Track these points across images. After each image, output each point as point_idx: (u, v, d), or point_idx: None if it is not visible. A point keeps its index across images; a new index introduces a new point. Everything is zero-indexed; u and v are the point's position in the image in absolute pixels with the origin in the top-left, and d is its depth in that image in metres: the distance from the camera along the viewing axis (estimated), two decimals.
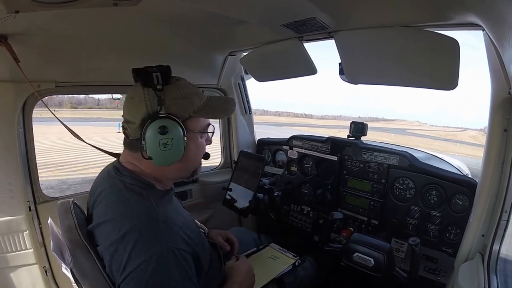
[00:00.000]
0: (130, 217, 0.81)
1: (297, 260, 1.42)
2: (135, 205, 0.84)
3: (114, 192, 0.88)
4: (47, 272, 1.51)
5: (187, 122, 0.91)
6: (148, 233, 0.79)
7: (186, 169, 0.99)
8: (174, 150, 0.88)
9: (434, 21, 1.02)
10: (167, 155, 0.88)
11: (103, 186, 0.93)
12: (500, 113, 0.99)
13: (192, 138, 0.93)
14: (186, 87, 0.94)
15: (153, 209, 0.83)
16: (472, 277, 0.97)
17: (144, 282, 0.73)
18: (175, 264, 0.77)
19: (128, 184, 0.88)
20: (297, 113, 72.46)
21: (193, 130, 0.93)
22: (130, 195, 0.86)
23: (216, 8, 1.09)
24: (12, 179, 1.38)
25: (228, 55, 1.90)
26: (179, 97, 0.90)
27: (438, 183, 1.40)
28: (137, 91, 0.89)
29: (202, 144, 0.99)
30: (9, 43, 1.12)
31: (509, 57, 0.81)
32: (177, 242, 0.81)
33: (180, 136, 0.88)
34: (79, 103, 41.39)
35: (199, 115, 0.93)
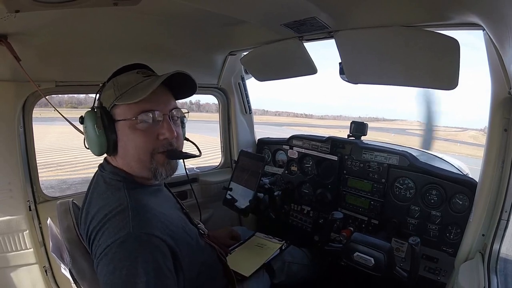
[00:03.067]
0: (104, 208, 0.81)
1: (283, 244, 1.44)
2: (110, 197, 0.83)
3: (97, 188, 0.90)
4: (47, 271, 1.50)
5: (114, 111, 0.86)
6: (115, 220, 0.77)
7: (131, 164, 0.88)
8: (89, 138, 0.88)
9: (434, 21, 1.02)
10: (88, 143, 0.89)
11: (91, 184, 0.95)
12: (500, 113, 0.99)
13: (123, 127, 0.85)
14: (119, 81, 0.89)
15: (124, 198, 0.81)
16: (472, 277, 0.96)
17: (108, 267, 0.71)
18: (141, 248, 0.72)
19: (107, 179, 0.89)
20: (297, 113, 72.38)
21: (120, 118, 0.85)
22: (108, 188, 0.86)
23: (216, 8, 1.09)
24: (12, 179, 1.38)
25: (228, 55, 1.90)
26: (109, 87, 0.90)
27: (438, 183, 1.40)
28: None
29: (137, 132, 0.85)
30: (9, 43, 1.12)
31: (509, 57, 0.81)
32: (147, 228, 0.76)
33: (92, 123, 0.85)
34: (79, 103, 41.28)
35: (122, 101, 0.85)
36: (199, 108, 47.39)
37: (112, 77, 0.92)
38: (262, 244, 1.48)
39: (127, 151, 0.87)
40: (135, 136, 0.85)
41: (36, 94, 1.40)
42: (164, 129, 0.86)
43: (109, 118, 0.85)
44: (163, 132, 0.86)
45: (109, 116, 0.85)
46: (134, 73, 0.90)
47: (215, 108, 2.70)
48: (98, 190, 0.88)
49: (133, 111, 0.84)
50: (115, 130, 0.85)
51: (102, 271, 0.72)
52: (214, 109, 5.10)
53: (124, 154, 0.88)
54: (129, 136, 0.85)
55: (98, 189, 0.88)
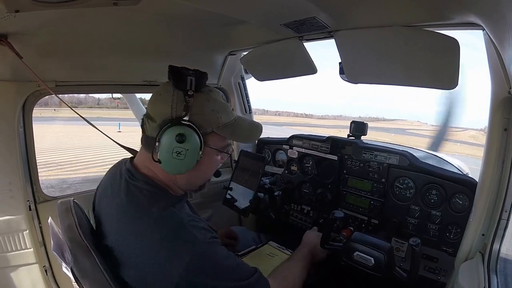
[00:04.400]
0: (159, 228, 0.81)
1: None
2: (163, 216, 0.83)
3: (132, 202, 0.86)
4: (47, 271, 1.51)
5: (208, 137, 0.88)
6: (181, 239, 0.80)
7: (195, 182, 0.97)
8: (186, 161, 0.85)
9: (434, 21, 1.02)
10: (177, 164, 0.85)
11: (115, 188, 0.91)
12: (500, 112, 0.99)
13: (208, 153, 0.90)
14: (217, 100, 0.91)
15: (176, 214, 0.84)
16: (472, 277, 0.96)
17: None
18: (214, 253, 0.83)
19: (144, 191, 0.86)
20: (297, 113, 72.43)
21: (211, 146, 0.90)
22: (149, 202, 0.84)
23: (216, 8, 1.09)
24: (12, 179, 1.38)
25: (228, 55, 1.90)
26: (208, 108, 0.87)
27: (438, 183, 1.40)
28: (167, 89, 0.87)
29: (217, 161, 0.96)
30: (10, 42, 1.12)
31: (509, 57, 0.81)
32: (207, 234, 0.84)
33: (196, 149, 0.85)
34: (79, 102, 41.34)
35: (222, 133, 0.90)
36: None
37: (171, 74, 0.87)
38: (273, 253, 1.45)
39: (201, 172, 0.94)
40: (215, 163, 0.97)
41: (36, 94, 1.40)
42: (224, 159, 1.01)
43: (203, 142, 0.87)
44: (222, 162, 1.00)
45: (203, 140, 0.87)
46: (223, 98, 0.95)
47: None
48: (136, 202, 0.85)
49: (223, 143, 0.94)
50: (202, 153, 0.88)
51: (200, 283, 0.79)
52: None
53: (196, 175, 0.93)
54: (211, 162, 0.95)
55: (136, 201, 0.85)
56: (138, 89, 1.79)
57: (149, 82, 1.72)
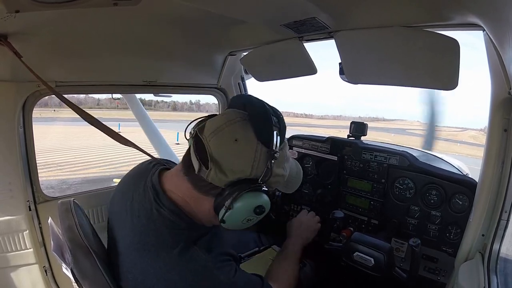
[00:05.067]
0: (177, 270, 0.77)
1: (300, 265, 1.42)
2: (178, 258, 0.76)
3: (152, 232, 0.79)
4: (47, 272, 1.51)
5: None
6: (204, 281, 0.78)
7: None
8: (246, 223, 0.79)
9: (434, 21, 1.02)
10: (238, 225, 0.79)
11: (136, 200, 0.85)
12: (500, 113, 0.99)
13: None
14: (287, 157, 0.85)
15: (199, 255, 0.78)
16: (472, 277, 0.96)
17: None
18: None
19: (168, 222, 0.79)
20: (297, 113, 72.44)
21: None
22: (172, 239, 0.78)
23: (216, 8, 1.09)
24: (12, 179, 1.38)
25: (228, 55, 1.90)
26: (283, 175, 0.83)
27: (438, 183, 1.40)
28: (248, 139, 0.74)
29: None
30: (10, 42, 1.12)
31: (509, 57, 0.81)
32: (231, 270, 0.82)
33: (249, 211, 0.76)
34: (79, 103, 41.36)
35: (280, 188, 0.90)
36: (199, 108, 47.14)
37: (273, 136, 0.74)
38: None
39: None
40: None
41: (36, 94, 1.40)
42: None
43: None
44: None
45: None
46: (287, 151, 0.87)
47: (215, 108, 2.70)
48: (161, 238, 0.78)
49: None
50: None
51: None
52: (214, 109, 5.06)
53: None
54: None
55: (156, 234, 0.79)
56: (138, 89, 1.79)
57: (149, 82, 1.72)
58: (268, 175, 0.74)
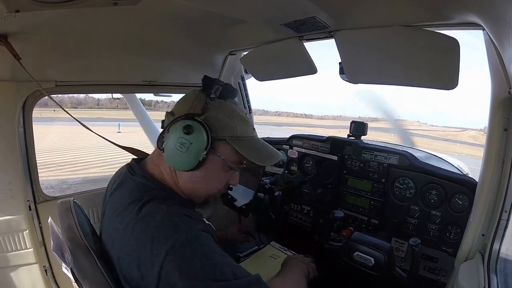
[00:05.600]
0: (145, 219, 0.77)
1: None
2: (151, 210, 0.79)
3: (124, 194, 0.85)
4: (47, 271, 1.51)
5: (218, 143, 0.85)
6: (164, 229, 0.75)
7: (196, 189, 0.91)
8: (187, 156, 0.82)
9: (434, 21, 1.02)
10: (178, 156, 0.82)
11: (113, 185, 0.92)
12: (500, 112, 0.99)
13: (214, 161, 0.86)
14: (237, 113, 0.89)
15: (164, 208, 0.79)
16: (472, 277, 0.96)
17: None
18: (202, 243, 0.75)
19: (140, 185, 0.85)
20: (297, 113, 72.44)
21: (220, 155, 0.87)
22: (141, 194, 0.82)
23: (216, 8, 1.09)
24: (12, 179, 1.37)
25: (228, 55, 1.90)
26: (225, 115, 0.86)
27: (438, 183, 1.40)
28: (194, 92, 0.89)
29: (222, 176, 0.92)
30: (9, 42, 1.12)
31: (509, 56, 0.81)
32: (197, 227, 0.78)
33: (200, 146, 0.81)
34: (79, 103, 41.36)
35: (233, 144, 0.87)
36: None
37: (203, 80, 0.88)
38: (276, 255, 1.44)
39: (205, 181, 0.90)
40: (221, 175, 0.92)
41: (36, 94, 1.40)
42: (236, 180, 0.97)
43: (211, 145, 0.83)
44: (234, 180, 0.97)
45: (212, 143, 0.83)
46: (245, 114, 0.93)
47: None
48: (131, 195, 0.83)
49: (235, 158, 0.90)
50: (207, 157, 0.84)
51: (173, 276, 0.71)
52: None
53: (198, 181, 0.88)
54: (217, 172, 0.90)
55: (131, 195, 0.83)
56: (138, 89, 1.79)
57: (149, 82, 1.72)
58: (205, 112, 0.83)
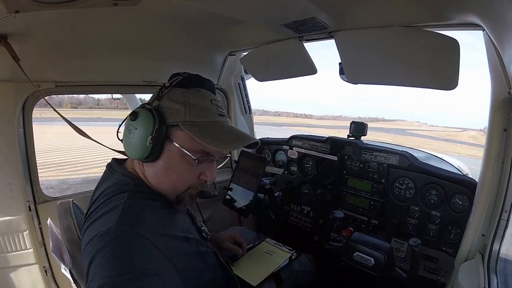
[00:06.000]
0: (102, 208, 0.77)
1: (293, 254, 1.42)
2: (111, 199, 0.78)
3: (104, 191, 0.83)
4: (47, 272, 1.50)
5: (173, 130, 0.79)
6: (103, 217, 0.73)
7: (162, 182, 0.85)
8: (134, 142, 0.79)
9: (434, 21, 1.02)
10: (127, 144, 0.82)
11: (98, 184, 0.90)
12: (500, 113, 0.99)
13: (172, 151, 0.80)
14: (196, 98, 0.82)
15: (121, 199, 0.77)
16: (472, 277, 0.96)
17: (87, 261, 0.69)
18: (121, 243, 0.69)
19: (116, 181, 0.84)
20: (297, 113, 72.48)
21: (176, 142, 0.79)
22: (113, 190, 0.81)
23: (216, 8, 1.09)
24: (12, 179, 1.37)
25: (228, 55, 1.90)
26: (178, 101, 0.80)
27: (438, 183, 1.40)
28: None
29: (185, 168, 0.82)
30: (9, 43, 1.12)
31: (509, 57, 0.81)
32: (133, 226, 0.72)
33: (144, 130, 0.77)
34: (79, 103, 41.36)
35: (187, 129, 0.78)
36: None
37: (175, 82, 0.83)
38: (271, 251, 1.45)
39: (166, 173, 0.83)
40: (182, 167, 0.82)
41: (36, 94, 1.40)
42: (209, 174, 0.88)
43: (165, 134, 0.78)
44: (208, 176, 0.88)
45: (165, 131, 0.78)
46: (208, 101, 0.84)
47: None
48: (105, 192, 0.82)
49: (194, 147, 0.80)
50: (164, 147, 0.79)
51: (84, 264, 0.70)
52: None
53: (160, 173, 0.83)
54: (176, 162, 0.82)
55: (106, 191, 0.82)
56: (138, 89, 1.79)
57: (149, 82, 1.72)
58: (156, 99, 0.81)
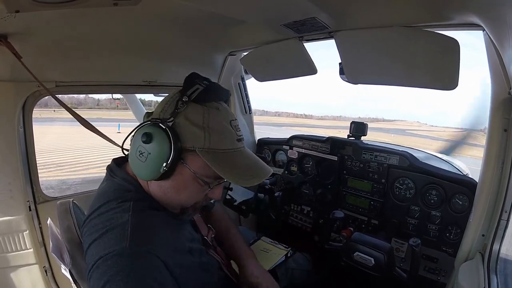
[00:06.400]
0: (106, 218, 0.76)
1: (289, 251, 1.42)
2: (114, 206, 0.78)
3: (104, 194, 0.82)
4: (47, 272, 1.50)
5: (187, 155, 0.76)
6: (113, 233, 0.72)
7: (167, 198, 0.83)
8: (145, 166, 0.75)
9: (434, 21, 1.02)
10: (137, 165, 0.77)
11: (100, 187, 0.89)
12: (500, 113, 0.99)
13: (184, 173, 0.78)
14: (216, 120, 0.77)
15: (128, 211, 0.76)
16: (472, 277, 0.96)
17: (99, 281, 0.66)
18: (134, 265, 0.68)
19: (117, 185, 0.83)
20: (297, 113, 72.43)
21: (189, 168, 0.77)
22: (115, 195, 0.80)
23: (216, 8, 1.09)
24: (12, 179, 1.37)
25: (228, 55, 1.90)
26: (197, 123, 0.75)
27: (438, 183, 1.40)
28: (174, 91, 0.81)
29: (195, 189, 0.82)
30: (10, 42, 1.12)
31: (509, 57, 0.81)
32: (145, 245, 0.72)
33: (160, 158, 0.74)
34: (79, 103, 41.33)
35: (205, 157, 0.75)
36: None
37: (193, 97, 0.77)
38: (267, 249, 1.45)
39: (175, 192, 0.81)
40: (192, 190, 0.82)
41: (36, 94, 1.40)
42: (217, 194, 0.87)
43: (179, 155, 0.75)
44: (215, 195, 0.87)
45: (180, 153, 0.74)
46: (228, 123, 0.80)
47: None
48: (105, 196, 0.81)
49: (208, 173, 0.78)
50: (175, 169, 0.76)
51: (94, 284, 0.68)
52: None
53: (168, 192, 0.81)
54: (187, 185, 0.80)
55: (105, 195, 0.81)
56: (138, 89, 1.79)
57: (149, 82, 1.72)
58: (172, 117, 0.75)
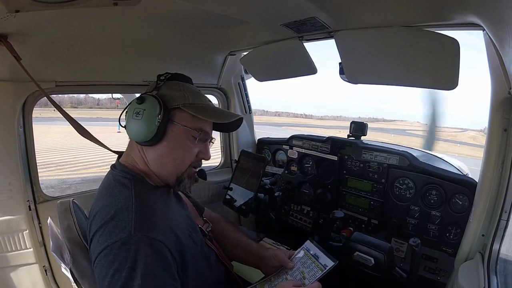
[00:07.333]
0: (109, 206, 0.81)
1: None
2: (116, 195, 0.84)
3: (106, 186, 0.90)
4: (47, 271, 1.50)
5: (174, 112, 0.89)
6: (118, 219, 0.77)
7: (167, 166, 0.92)
8: (142, 123, 0.86)
9: (434, 21, 1.02)
10: (135, 125, 0.88)
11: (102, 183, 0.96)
12: (500, 113, 0.99)
13: (175, 131, 0.90)
14: (189, 87, 0.95)
15: (130, 198, 0.82)
16: (472, 277, 0.97)
17: (108, 269, 0.72)
18: (141, 252, 0.73)
19: (117, 176, 0.90)
20: (297, 113, 72.42)
21: (178, 123, 0.90)
22: (116, 185, 0.87)
23: (216, 8, 1.09)
24: (12, 179, 1.37)
25: (228, 55, 1.90)
26: (175, 89, 0.92)
27: (438, 183, 1.40)
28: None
29: (187, 147, 0.92)
30: (9, 42, 1.12)
31: (509, 57, 0.81)
32: (150, 231, 0.77)
33: (153, 111, 0.86)
34: (79, 103, 41.37)
35: (188, 109, 0.90)
36: None
37: (168, 77, 0.96)
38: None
39: (170, 152, 0.91)
40: (185, 145, 0.92)
41: (36, 94, 1.40)
42: (206, 152, 0.98)
43: (168, 117, 0.88)
44: (205, 154, 0.98)
45: (168, 114, 0.88)
46: (197, 89, 0.98)
47: None
48: (107, 187, 0.89)
49: (194, 125, 0.92)
50: (166, 128, 0.88)
51: (102, 272, 0.73)
52: None
53: (164, 154, 0.91)
54: (179, 142, 0.91)
55: (107, 187, 0.89)
56: (138, 89, 1.79)
57: (149, 82, 1.71)
58: (155, 89, 0.92)
